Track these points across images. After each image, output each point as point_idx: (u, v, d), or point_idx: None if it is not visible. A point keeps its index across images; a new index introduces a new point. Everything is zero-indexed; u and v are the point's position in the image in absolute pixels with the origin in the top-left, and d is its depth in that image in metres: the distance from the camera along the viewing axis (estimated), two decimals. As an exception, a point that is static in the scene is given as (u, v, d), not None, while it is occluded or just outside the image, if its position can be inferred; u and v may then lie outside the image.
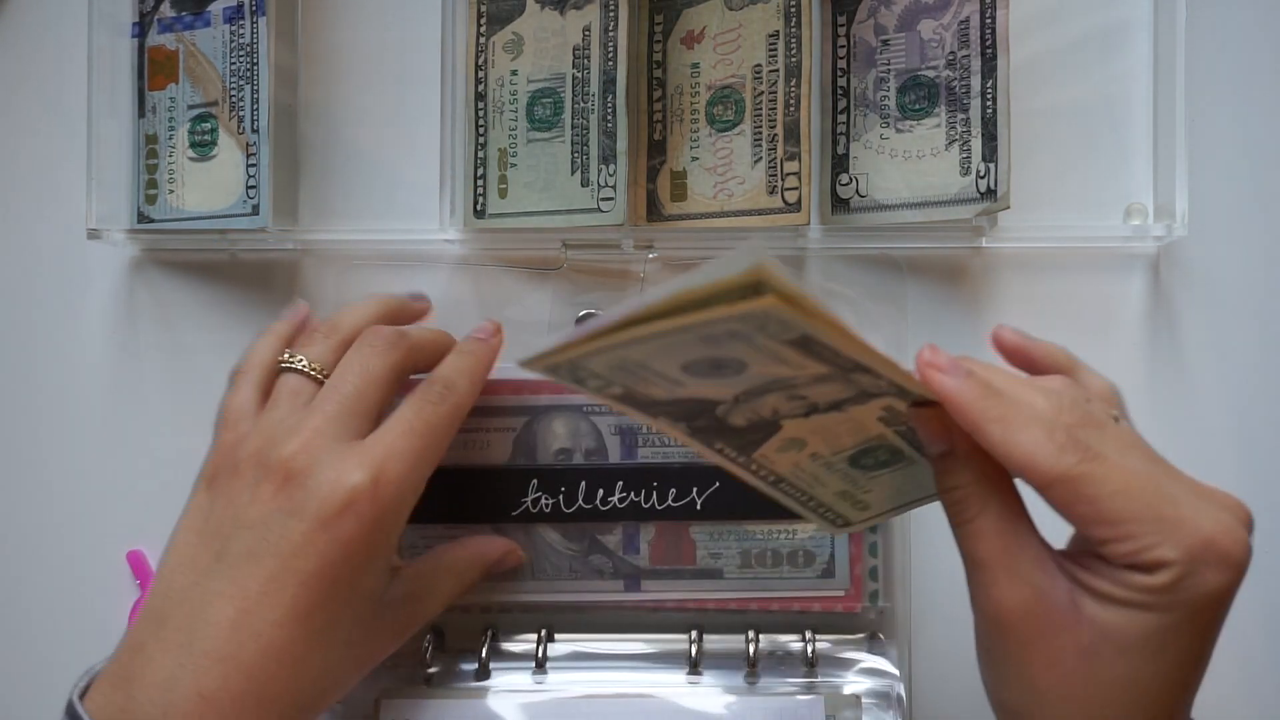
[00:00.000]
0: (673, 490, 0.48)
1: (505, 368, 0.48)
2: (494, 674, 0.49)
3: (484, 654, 0.48)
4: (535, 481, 0.49)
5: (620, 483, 0.49)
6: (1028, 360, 0.41)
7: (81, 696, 0.38)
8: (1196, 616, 0.34)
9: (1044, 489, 0.35)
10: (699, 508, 0.48)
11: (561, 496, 0.49)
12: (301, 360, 0.43)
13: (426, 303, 0.49)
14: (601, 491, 0.48)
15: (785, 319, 0.30)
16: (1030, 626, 0.35)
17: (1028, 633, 0.35)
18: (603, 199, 0.49)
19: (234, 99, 0.51)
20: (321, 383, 0.43)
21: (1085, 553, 0.36)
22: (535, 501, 0.49)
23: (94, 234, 0.52)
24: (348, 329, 0.45)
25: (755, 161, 0.50)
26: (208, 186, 0.52)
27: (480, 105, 0.52)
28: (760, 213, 0.50)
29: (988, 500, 0.36)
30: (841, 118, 0.51)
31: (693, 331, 0.31)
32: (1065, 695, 0.35)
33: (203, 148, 0.52)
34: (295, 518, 0.39)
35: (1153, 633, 0.34)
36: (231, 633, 0.38)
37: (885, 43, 0.50)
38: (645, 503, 0.48)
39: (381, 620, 0.42)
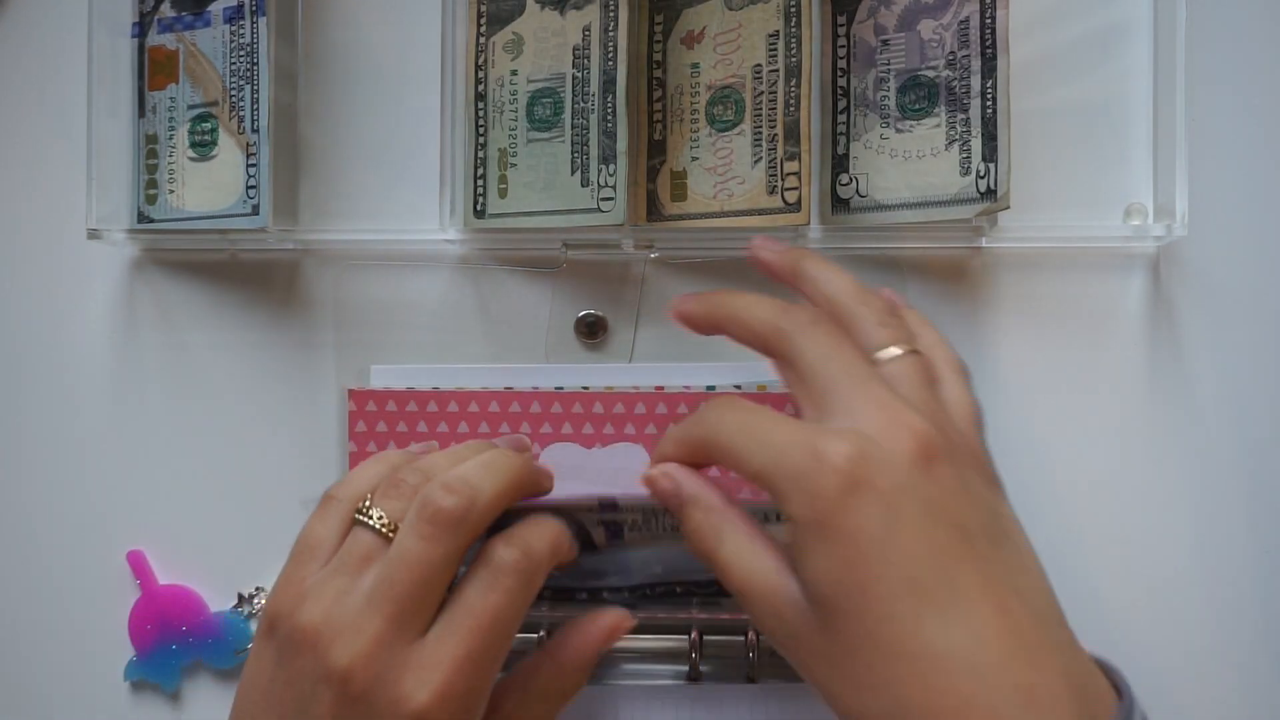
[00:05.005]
0: None
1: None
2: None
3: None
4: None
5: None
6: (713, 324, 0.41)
7: None
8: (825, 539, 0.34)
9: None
10: None
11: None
12: (380, 516, 0.39)
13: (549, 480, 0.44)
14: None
15: None
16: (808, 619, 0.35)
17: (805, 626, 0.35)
18: (603, 199, 0.49)
19: (234, 99, 0.51)
20: (392, 540, 0.39)
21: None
22: None
23: (94, 234, 0.52)
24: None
25: (755, 161, 0.50)
26: (208, 186, 0.52)
27: (480, 105, 0.52)
28: (760, 213, 0.50)
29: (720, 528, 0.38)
30: (841, 118, 0.51)
31: None
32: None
33: (203, 148, 0.52)
34: None
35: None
36: None
37: (885, 43, 0.50)
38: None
39: None
